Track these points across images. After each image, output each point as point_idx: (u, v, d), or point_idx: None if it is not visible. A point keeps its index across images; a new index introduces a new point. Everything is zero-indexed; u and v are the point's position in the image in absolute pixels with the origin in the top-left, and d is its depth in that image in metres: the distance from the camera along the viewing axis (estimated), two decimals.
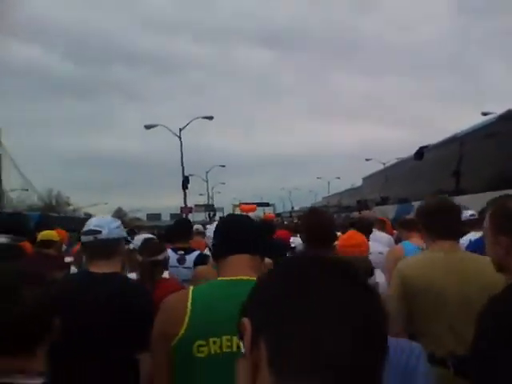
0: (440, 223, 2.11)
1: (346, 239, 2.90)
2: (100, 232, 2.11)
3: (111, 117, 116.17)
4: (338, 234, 3.06)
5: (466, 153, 10.25)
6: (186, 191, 26.85)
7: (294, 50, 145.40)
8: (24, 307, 1.12)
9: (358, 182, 26.37)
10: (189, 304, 1.40)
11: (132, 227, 10.09)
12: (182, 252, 3.99)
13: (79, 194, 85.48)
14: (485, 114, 15.32)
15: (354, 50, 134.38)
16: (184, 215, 24.02)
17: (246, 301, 0.61)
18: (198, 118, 27.02)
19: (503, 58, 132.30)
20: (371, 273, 1.94)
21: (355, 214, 17.40)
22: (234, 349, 1.31)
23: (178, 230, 4.31)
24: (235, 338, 1.28)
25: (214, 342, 1.33)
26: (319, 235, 2.30)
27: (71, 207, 56.87)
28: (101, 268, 2.06)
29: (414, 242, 3.59)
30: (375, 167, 25.02)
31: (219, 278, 1.52)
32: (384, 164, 27.50)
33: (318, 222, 2.36)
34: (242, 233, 1.59)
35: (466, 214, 4.46)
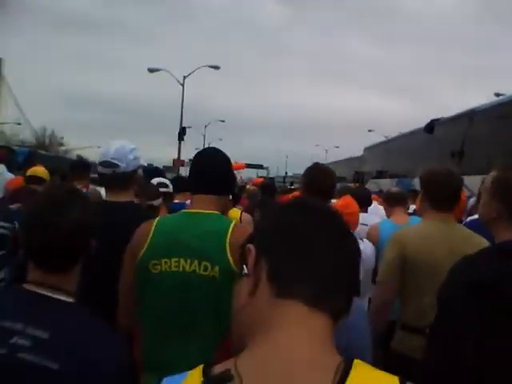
0: (445, 193, 2.13)
1: (342, 205, 2.74)
2: (118, 166, 2.11)
3: (116, 57, 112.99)
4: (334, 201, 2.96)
5: (479, 130, 9.64)
6: (182, 143, 26.21)
7: (307, 9, 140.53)
8: (70, 224, 1.18)
9: (358, 153, 25.79)
10: (151, 230, 1.63)
11: None
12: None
13: (74, 135, 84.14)
14: (498, 94, 14.64)
15: (368, 16, 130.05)
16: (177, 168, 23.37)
17: (252, 231, 0.83)
18: (204, 66, 26.02)
19: None
20: None
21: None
22: (180, 269, 1.56)
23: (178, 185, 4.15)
24: (182, 260, 1.55)
25: (166, 262, 1.57)
26: (320, 187, 2.28)
27: (63, 148, 56.17)
28: (117, 197, 2.12)
29: (396, 220, 3.35)
30: (377, 139, 24.32)
31: (183, 210, 1.81)
32: (386, 137, 26.80)
33: (321, 175, 2.35)
34: (210, 174, 1.72)
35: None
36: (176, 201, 3.98)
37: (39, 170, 4.68)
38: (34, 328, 1.07)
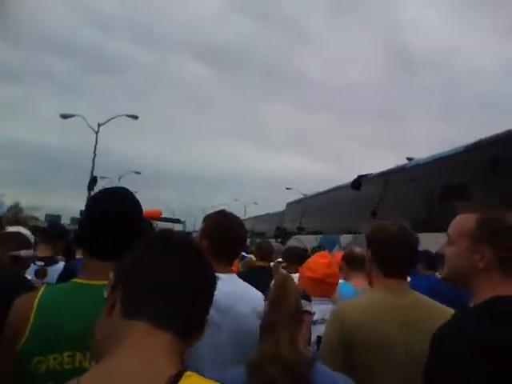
0: (397, 255, 1.81)
1: (327, 267, 2.55)
2: None
3: (30, 105, 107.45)
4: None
5: (411, 186, 9.51)
6: (92, 193, 24.29)
7: (230, 69, 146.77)
8: None
9: (277, 210, 25.60)
10: (33, 311, 1.27)
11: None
12: (42, 263, 3.17)
13: None
14: (410, 158, 15.35)
15: (290, 82, 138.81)
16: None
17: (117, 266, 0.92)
18: (122, 115, 25.00)
19: (426, 112, 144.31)
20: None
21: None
22: (76, 364, 1.24)
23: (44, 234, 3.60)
24: (78, 354, 1.24)
25: (55, 359, 1.23)
26: (228, 241, 1.95)
27: None
28: None
29: (355, 283, 2.97)
30: (295, 197, 24.34)
31: (74, 280, 1.38)
32: (304, 194, 27.04)
33: (227, 226, 1.99)
34: (112, 232, 1.34)
35: None
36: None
37: None
38: None
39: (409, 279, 2.68)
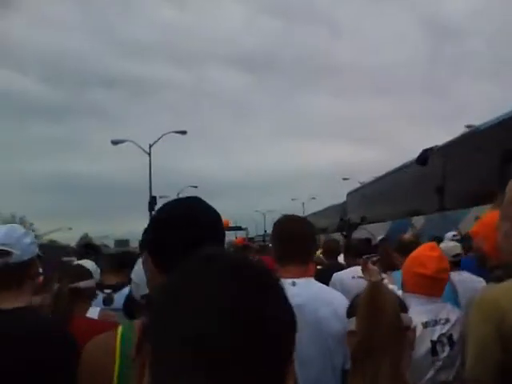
0: None
1: (439, 261, 2.31)
2: (10, 254, 1.63)
3: (82, 140, 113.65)
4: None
5: (489, 150, 8.55)
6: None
7: (267, 73, 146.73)
8: None
9: (336, 202, 24.81)
10: (117, 353, 1.08)
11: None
12: (110, 290, 3.31)
13: (45, 220, 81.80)
14: (469, 126, 14.18)
15: (327, 72, 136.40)
16: None
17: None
18: (169, 132, 25.44)
19: (471, 79, 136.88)
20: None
21: (335, 236, 15.42)
22: None
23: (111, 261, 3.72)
24: None
25: None
26: (295, 243, 1.89)
27: (33, 233, 53.90)
28: (8, 300, 1.58)
29: None
30: (352, 187, 23.36)
31: None
32: (362, 183, 26.02)
33: (292, 227, 1.96)
34: (185, 240, 1.05)
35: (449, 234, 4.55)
36: None
37: None
38: None
39: None
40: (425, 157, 10.56)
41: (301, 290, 1.73)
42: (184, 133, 25.57)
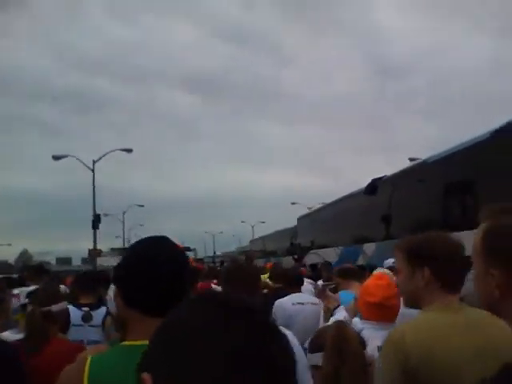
0: (460, 271, 1.61)
1: (387, 289, 2.43)
2: None
3: (23, 153, 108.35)
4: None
5: (436, 182, 8.77)
6: (99, 232, 23.90)
7: (216, 96, 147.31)
8: None
9: (284, 227, 24.89)
10: (85, 379, 1.12)
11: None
12: (87, 308, 3.55)
13: None
14: (412, 159, 14.72)
15: (277, 101, 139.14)
16: (92, 259, 20.77)
17: (143, 357, 0.63)
18: (115, 150, 24.64)
19: (412, 115, 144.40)
20: None
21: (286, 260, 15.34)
22: None
23: (80, 282, 3.91)
24: None
25: None
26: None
27: None
28: None
29: (352, 290, 3.27)
30: (300, 212, 23.58)
31: (124, 343, 1.19)
32: (309, 208, 26.28)
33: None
34: (163, 287, 1.17)
35: (389, 261, 4.68)
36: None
37: None
38: None
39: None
40: (374, 186, 10.73)
41: None
42: (130, 151, 24.88)
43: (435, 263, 1.59)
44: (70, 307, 3.38)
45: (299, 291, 4.19)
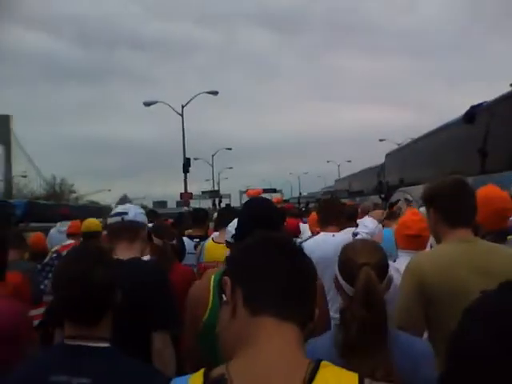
0: (461, 207, 1.89)
1: (420, 222, 2.84)
2: (126, 213, 2.25)
3: (117, 102, 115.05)
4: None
5: None
6: (189, 176, 25.01)
7: (294, 32, 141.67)
8: (99, 284, 1.37)
9: (372, 165, 23.98)
10: (211, 290, 1.78)
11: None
12: (198, 239, 4.44)
13: (85, 181, 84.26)
14: None
15: (354, 32, 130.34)
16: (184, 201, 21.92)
17: (226, 266, 1.11)
18: (202, 93, 25.10)
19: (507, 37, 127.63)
20: None
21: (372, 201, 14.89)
22: None
23: (194, 218, 5.06)
24: None
25: None
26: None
27: (74, 194, 55.80)
28: (124, 252, 2.14)
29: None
30: (387, 149, 22.32)
31: None
32: (399, 144, 24.82)
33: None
34: (263, 215, 1.89)
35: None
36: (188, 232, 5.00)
37: (92, 225, 4.61)
38: (78, 378, 1.22)
39: None
40: (472, 114, 9.78)
41: (338, 238, 3.23)
42: (216, 93, 25.16)
43: (437, 203, 1.92)
44: (185, 238, 4.36)
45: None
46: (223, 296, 0.96)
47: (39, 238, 5.38)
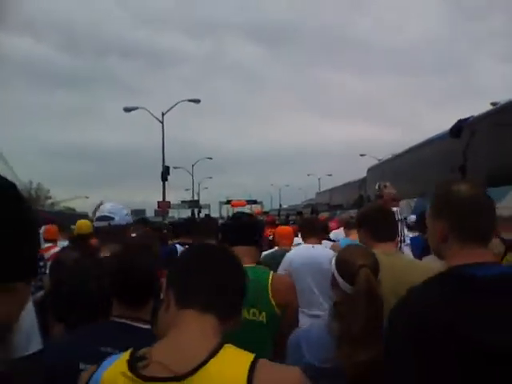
0: (381, 227, 2.28)
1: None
2: (113, 218, 2.47)
3: (100, 109, 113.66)
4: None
5: None
6: (169, 185, 24.62)
7: (284, 45, 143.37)
8: (146, 271, 1.63)
9: (353, 179, 23.90)
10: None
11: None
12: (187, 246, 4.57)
13: (61, 188, 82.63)
14: (494, 103, 12.98)
15: (343, 48, 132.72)
16: (162, 211, 21.34)
17: (167, 272, 1.23)
18: (183, 100, 24.73)
19: (490, 57, 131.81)
20: None
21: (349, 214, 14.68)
22: (248, 317, 1.99)
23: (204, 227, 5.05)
24: (244, 310, 1.90)
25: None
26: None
27: (50, 200, 54.52)
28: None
29: (352, 238, 4.42)
30: (368, 164, 22.30)
31: None
32: (379, 160, 24.83)
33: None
34: (241, 229, 2.23)
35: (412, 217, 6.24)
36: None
37: (84, 226, 4.74)
38: (121, 351, 1.25)
39: None
40: (459, 128, 9.62)
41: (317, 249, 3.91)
42: (197, 101, 24.85)
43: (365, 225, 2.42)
44: (178, 245, 4.43)
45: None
46: (161, 294, 1.21)
47: None
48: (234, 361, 1.02)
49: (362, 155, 40.08)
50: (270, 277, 2.08)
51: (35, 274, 0.76)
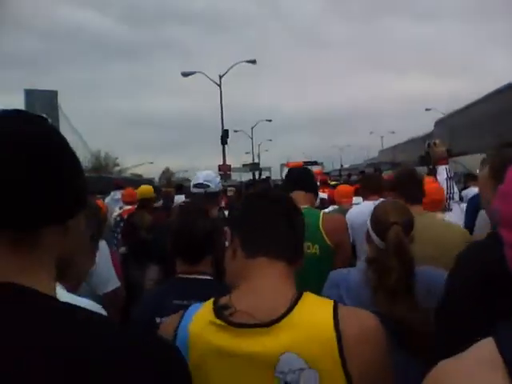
0: (411, 190, 2.49)
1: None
2: (209, 186, 2.94)
3: (158, 76, 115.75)
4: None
5: None
6: (229, 149, 24.84)
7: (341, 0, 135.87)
8: (199, 233, 1.79)
9: (416, 135, 22.66)
10: None
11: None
12: None
13: (128, 155, 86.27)
14: None
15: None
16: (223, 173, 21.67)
17: (228, 218, 1.86)
18: (239, 62, 24.45)
19: None
20: None
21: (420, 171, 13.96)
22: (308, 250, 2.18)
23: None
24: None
25: None
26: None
27: (118, 167, 57.16)
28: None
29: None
30: (434, 119, 20.86)
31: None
32: (444, 114, 23.25)
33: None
34: (300, 177, 2.60)
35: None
36: None
37: (146, 191, 5.07)
38: (188, 300, 1.45)
39: None
40: None
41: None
42: (254, 62, 24.43)
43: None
44: None
45: None
46: (226, 242, 1.21)
47: (101, 205, 5.77)
48: (318, 308, 1.04)
49: (427, 109, 37.93)
50: (321, 216, 2.32)
51: (85, 205, 0.77)
